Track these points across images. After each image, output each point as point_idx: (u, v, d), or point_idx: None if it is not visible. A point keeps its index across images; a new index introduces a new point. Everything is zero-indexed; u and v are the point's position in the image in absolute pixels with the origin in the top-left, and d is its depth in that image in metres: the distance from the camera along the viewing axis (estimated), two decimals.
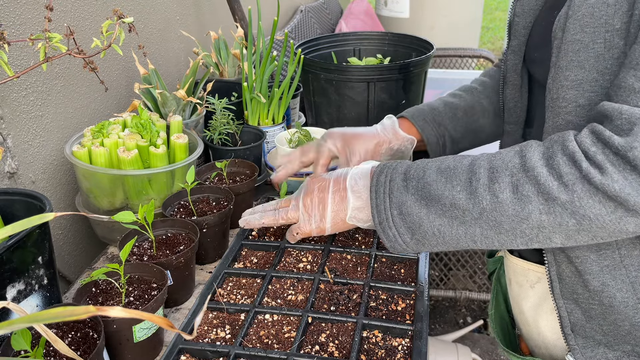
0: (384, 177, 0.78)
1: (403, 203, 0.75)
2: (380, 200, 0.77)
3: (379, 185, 0.78)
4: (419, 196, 0.74)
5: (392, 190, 0.76)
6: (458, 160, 0.74)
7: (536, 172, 0.65)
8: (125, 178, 1.01)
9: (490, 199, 0.68)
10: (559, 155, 0.65)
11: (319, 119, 1.45)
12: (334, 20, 3.41)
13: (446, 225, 0.72)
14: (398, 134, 1.07)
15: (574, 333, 0.79)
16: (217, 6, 1.87)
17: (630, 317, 0.73)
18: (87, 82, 1.20)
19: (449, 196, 0.71)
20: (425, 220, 0.73)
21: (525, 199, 0.65)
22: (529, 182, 0.65)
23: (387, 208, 0.76)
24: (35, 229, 0.77)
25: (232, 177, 1.17)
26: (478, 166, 0.71)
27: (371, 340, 0.79)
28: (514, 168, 0.67)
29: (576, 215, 0.63)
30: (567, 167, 0.64)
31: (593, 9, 0.66)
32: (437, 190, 0.72)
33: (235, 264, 0.97)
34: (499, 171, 0.68)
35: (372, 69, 1.31)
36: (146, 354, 0.81)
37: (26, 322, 0.42)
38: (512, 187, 0.67)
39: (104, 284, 0.82)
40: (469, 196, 0.69)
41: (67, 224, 1.17)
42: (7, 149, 1.00)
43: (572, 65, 0.69)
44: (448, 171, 0.73)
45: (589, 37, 0.67)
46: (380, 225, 0.77)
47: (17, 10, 0.99)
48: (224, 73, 1.57)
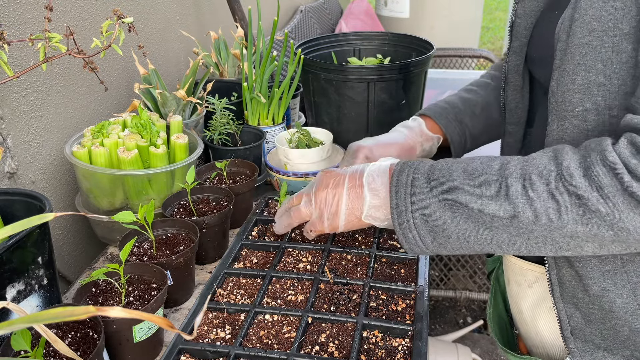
0: (405, 176, 0.76)
1: (426, 205, 0.72)
2: (402, 201, 0.75)
3: (399, 185, 0.76)
4: (443, 199, 0.71)
5: (415, 191, 0.74)
6: (486, 163, 0.71)
7: (574, 182, 0.63)
8: (125, 178, 1.01)
9: (523, 206, 0.66)
10: (599, 166, 0.63)
11: (319, 119, 1.45)
12: (334, 20, 3.41)
13: (472, 230, 0.70)
14: (427, 134, 1.07)
15: (573, 336, 0.79)
16: (217, 6, 1.87)
17: (630, 322, 0.73)
18: (87, 82, 1.20)
19: (477, 201, 0.69)
20: (450, 224, 0.71)
21: (562, 208, 0.64)
22: (566, 192, 0.63)
23: (408, 210, 0.74)
24: (35, 229, 0.77)
25: (233, 177, 1.17)
26: (510, 171, 0.68)
27: (371, 340, 0.79)
28: (549, 176, 0.65)
29: (614, 227, 0.62)
30: (608, 178, 0.62)
31: (601, 12, 0.65)
32: (465, 194, 0.70)
33: (235, 264, 0.97)
34: (533, 178, 0.66)
35: (372, 69, 1.31)
36: (146, 354, 0.81)
37: (26, 322, 0.42)
38: (547, 195, 0.65)
39: (104, 284, 0.82)
40: (500, 202, 0.67)
41: (67, 224, 1.17)
42: (7, 149, 1.00)
43: (579, 69, 0.68)
44: (476, 174, 0.70)
45: (596, 40, 0.66)
46: (400, 227, 0.75)
47: (17, 10, 0.99)
48: (224, 73, 1.57)
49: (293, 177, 1.23)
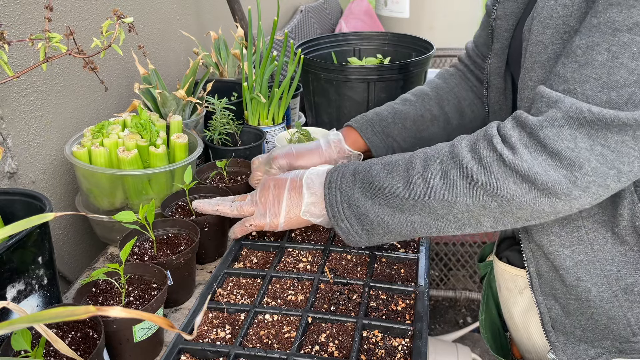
0: (337, 174, 0.84)
1: (351, 196, 0.80)
2: (332, 194, 0.82)
3: (331, 182, 0.83)
4: (364, 188, 0.79)
5: (342, 184, 0.82)
6: (402, 155, 0.79)
7: (461, 156, 0.69)
8: (125, 178, 1.01)
9: (423, 185, 0.72)
10: (480, 140, 0.69)
11: (319, 119, 1.45)
12: (334, 20, 3.41)
13: (389, 214, 0.76)
14: (343, 150, 1.07)
15: (554, 330, 0.80)
16: (217, 6, 1.87)
17: (607, 310, 0.74)
18: (87, 82, 1.20)
19: (389, 186, 0.76)
20: (371, 210, 0.78)
21: (452, 183, 0.69)
22: (455, 167, 0.70)
23: (338, 202, 0.81)
24: (35, 229, 0.77)
25: (234, 177, 1.17)
26: (415, 157, 0.75)
27: (371, 340, 0.79)
28: (443, 156, 0.72)
29: (496, 197, 0.66)
30: (486, 150, 0.67)
31: (552, 10, 0.67)
32: (379, 181, 0.77)
33: (235, 264, 0.97)
34: (432, 159, 0.73)
35: (372, 69, 1.31)
36: (146, 354, 0.81)
37: (26, 322, 0.42)
38: (442, 173, 0.71)
39: (104, 284, 0.82)
40: (406, 184, 0.74)
41: (67, 224, 1.17)
42: (7, 149, 1.00)
43: (536, 66, 0.70)
44: (391, 164, 0.78)
45: (549, 38, 0.68)
46: (334, 218, 0.82)
47: (17, 10, 0.99)
48: (224, 73, 1.57)
49: None
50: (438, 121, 1.09)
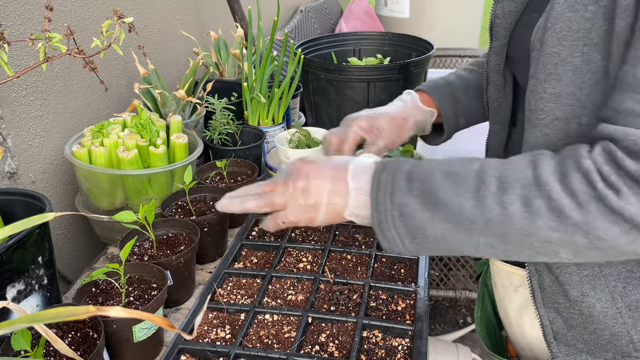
0: (386, 175, 0.74)
1: (405, 205, 0.71)
2: (381, 200, 0.73)
3: (380, 185, 0.73)
4: (423, 199, 0.70)
5: (394, 191, 0.72)
6: (466, 164, 0.71)
7: (549, 187, 0.63)
8: (125, 178, 1.01)
9: (499, 210, 0.65)
10: (574, 173, 0.63)
11: (319, 119, 1.45)
12: (334, 20, 3.41)
13: (450, 231, 0.69)
14: (419, 107, 1.05)
15: (556, 341, 0.80)
16: (217, 6, 1.87)
17: (610, 326, 0.74)
18: (87, 82, 1.20)
19: (455, 202, 0.68)
20: (429, 224, 0.70)
21: (536, 213, 0.63)
22: (541, 197, 0.63)
23: (387, 209, 0.72)
24: (35, 229, 0.77)
25: (234, 177, 1.17)
26: (488, 174, 0.67)
27: (371, 340, 0.79)
28: (525, 180, 0.64)
29: (589, 235, 0.62)
30: (582, 185, 0.62)
31: (571, 22, 0.66)
32: (443, 195, 0.69)
33: (236, 264, 0.97)
34: (510, 182, 0.65)
35: (372, 69, 1.31)
36: (146, 354, 0.81)
37: (26, 322, 0.42)
38: (523, 200, 0.64)
39: (104, 284, 0.82)
40: (477, 204, 0.66)
41: (67, 224, 1.17)
42: (7, 149, 1.00)
43: (551, 78, 0.68)
44: (455, 176, 0.69)
45: (567, 50, 0.66)
46: (379, 226, 0.73)
47: (17, 10, 0.99)
48: (224, 73, 1.57)
49: None
50: None
